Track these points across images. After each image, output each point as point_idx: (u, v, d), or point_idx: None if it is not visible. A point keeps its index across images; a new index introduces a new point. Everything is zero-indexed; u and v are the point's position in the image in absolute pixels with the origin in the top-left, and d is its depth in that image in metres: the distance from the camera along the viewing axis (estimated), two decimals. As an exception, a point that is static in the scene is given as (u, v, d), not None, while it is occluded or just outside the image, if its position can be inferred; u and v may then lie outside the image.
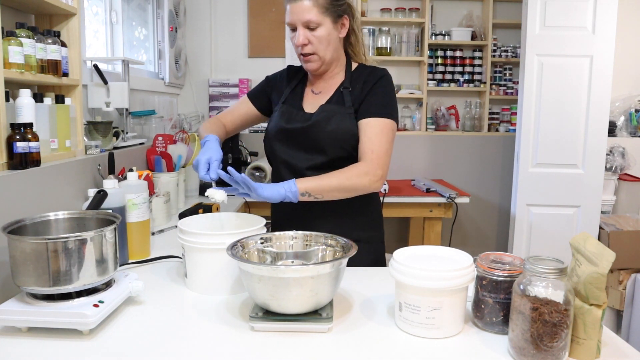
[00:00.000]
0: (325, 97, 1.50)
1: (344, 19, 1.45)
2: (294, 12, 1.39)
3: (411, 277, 0.95)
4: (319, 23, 1.39)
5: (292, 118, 1.49)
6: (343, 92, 1.47)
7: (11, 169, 1.31)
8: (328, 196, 1.35)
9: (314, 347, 0.94)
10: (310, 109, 1.50)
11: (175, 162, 2.20)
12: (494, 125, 3.58)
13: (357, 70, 1.52)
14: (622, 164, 3.09)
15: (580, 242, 0.90)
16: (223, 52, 3.49)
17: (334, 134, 1.42)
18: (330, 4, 1.39)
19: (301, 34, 1.40)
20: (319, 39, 1.40)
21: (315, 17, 1.38)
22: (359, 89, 1.46)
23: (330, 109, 1.45)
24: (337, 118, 1.43)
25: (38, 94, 1.50)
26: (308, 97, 1.54)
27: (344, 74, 1.52)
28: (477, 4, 3.54)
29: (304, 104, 1.52)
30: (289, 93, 1.55)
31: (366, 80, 1.47)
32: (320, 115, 1.44)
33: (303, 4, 1.38)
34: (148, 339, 0.97)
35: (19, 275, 0.99)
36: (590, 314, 0.86)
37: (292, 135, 1.48)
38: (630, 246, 2.71)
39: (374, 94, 1.44)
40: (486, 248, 3.55)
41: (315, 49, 1.42)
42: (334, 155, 1.44)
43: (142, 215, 1.47)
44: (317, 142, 1.44)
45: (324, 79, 1.53)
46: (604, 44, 2.84)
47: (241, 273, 1.02)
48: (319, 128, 1.43)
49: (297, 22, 1.39)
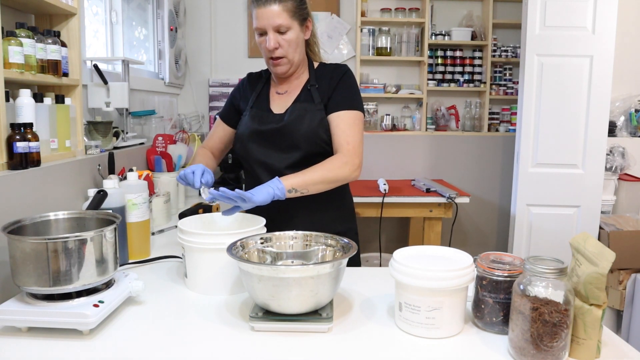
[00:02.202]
0: (292, 96, 1.55)
1: (308, 21, 1.51)
2: (264, 16, 1.42)
3: (411, 277, 0.95)
4: (289, 27, 1.43)
5: (263, 120, 1.53)
6: (310, 89, 1.52)
7: (11, 169, 1.31)
8: (313, 189, 1.39)
9: (314, 347, 0.94)
10: (279, 109, 1.54)
11: (175, 162, 2.20)
12: (494, 125, 3.58)
13: (319, 68, 1.58)
14: (622, 164, 3.09)
15: (580, 242, 0.90)
16: (223, 52, 3.49)
17: (308, 131, 1.47)
18: (297, 8, 1.44)
19: (272, 38, 1.43)
20: (289, 42, 1.45)
21: (286, 21, 1.42)
22: (325, 85, 1.51)
23: (302, 107, 1.50)
24: (309, 116, 1.48)
25: (38, 94, 1.50)
26: (274, 99, 1.58)
27: (308, 73, 1.57)
28: (477, 4, 3.54)
29: (271, 105, 1.56)
30: (255, 98, 1.59)
31: (332, 76, 1.52)
32: (293, 114, 1.49)
33: (273, 9, 1.41)
34: (148, 339, 0.97)
35: (19, 275, 0.99)
36: (590, 314, 0.86)
37: (266, 136, 1.51)
38: (630, 246, 2.71)
39: (340, 88, 1.50)
40: (486, 248, 3.56)
41: (285, 52, 1.46)
42: (309, 151, 1.48)
43: (142, 215, 1.47)
44: (292, 141, 1.48)
45: (288, 80, 1.57)
46: (604, 44, 2.84)
47: (241, 273, 1.02)
48: (293, 127, 1.48)
49: (268, 27, 1.43)
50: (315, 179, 1.38)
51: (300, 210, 1.50)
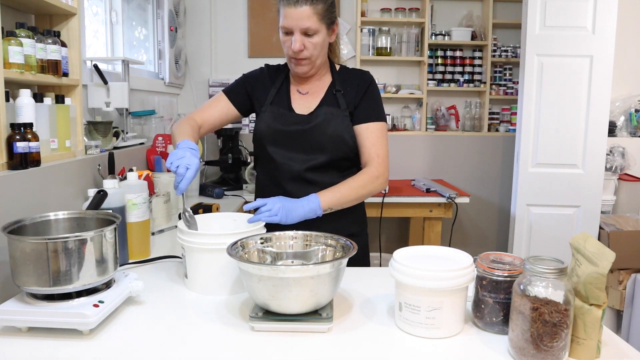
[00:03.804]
0: (315, 98, 1.52)
1: (335, 24, 1.48)
2: (293, 17, 1.38)
3: (411, 277, 0.95)
4: (317, 30, 1.40)
5: (286, 120, 1.49)
6: (336, 94, 1.51)
7: (11, 169, 1.31)
8: (346, 206, 1.44)
9: (314, 347, 0.94)
10: (302, 110, 1.51)
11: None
12: (494, 125, 3.58)
13: (342, 72, 1.56)
14: (622, 164, 3.09)
15: (580, 242, 0.90)
16: (223, 52, 3.49)
17: (335, 136, 1.46)
18: (327, 12, 1.41)
19: (298, 40, 1.40)
20: (315, 45, 1.42)
21: (314, 24, 1.39)
22: (352, 93, 1.51)
23: (329, 111, 1.48)
24: (336, 120, 1.47)
25: (38, 94, 1.50)
26: (296, 98, 1.54)
27: (331, 76, 1.55)
28: (477, 4, 3.54)
29: (293, 104, 1.52)
30: (275, 93, 1.54)
31: (358, 84, 1.51)
32: (320, 117, 1.47)
33: (303, 11, 1.37)
34: (148, 339, 0.97)
35: (19, 275, 0.99)
36: (590, 314, 0.86)
37: (290, 137, 1.48)
38: (630, 246, 2.71)
39: (368, 99, 1.51)
40: (486, 248, 3.56)
41: (309, 55, 1.43)
42: (333, 155, 1.47)
43: (142, 215, 1.47)
44: (317, 144, 1.46)
45: (310, 81, 1.55)
46: (604, 44, 2.84)
47: (241, 273, 1.02)
48: (320, 130, 1.46)
49: (295, 28, 1.39)
50: (352, 197, 1.43)
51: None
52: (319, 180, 1.48)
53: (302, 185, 1.48)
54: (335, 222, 1.45)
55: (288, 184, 1.49)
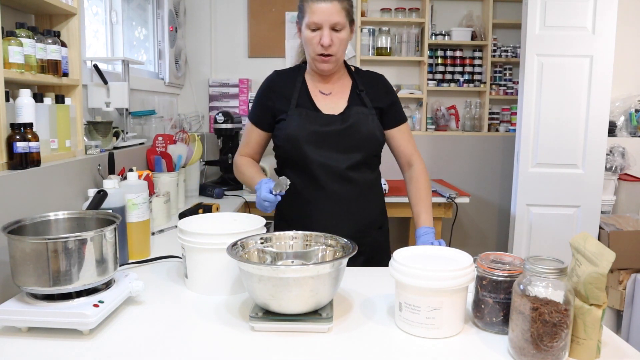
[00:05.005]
0: (341, 99, 1.56)
1: (353, 24, 1.52)
2: (323, 12, 1.41)
3: (411, 277, 0.95)
4: (344, 26, 1.45)
5: (318, 121, 1.51)
6: (361, 94, 1.55)
7: (11, 169, 1.31)
8: None
9: (314, 347, 0.94)
10: (329, 110, 1.53)
11: (175, 162, 2.20)
12: (494, 125, 3.58)
13: (357, 73, 1.61)
14: (622, 164, 3.09)
15: (580, 242, 0.90)
16: (223, 52, 3.49)
17: (368, 134, 1.52)
18: (351, 9, 1.47)
19: (327, 35, 1.43)
20: (341, 40, 1.46)
21: (342, 19, 1.43)
22: (372, 93, 1.57)
23: (359, 110, 1.53)
24: (368, 120, 1.53)
25: (38, 94, 1.50)
26: (319, 99, 1.55)
27: (349, 76, 1.60)
28: (477, 4, 3.54)
29: (317, 105, 1.54)
30: (298, 96, 1.55)
31: (378, 87, 1.59)
32: (353, 117, 1.51)
33: (333, 6, 1.41)
34: (148, 339, 0.97)
35: (19, 275, 0.99)
36: (590, 314, 0.86)
37: (327, 137, 1.50)
38: (630, 246, 2.71)
39: (395, 102, 1.60)
40: (486, 248, 3.55)
41: (336, 51, 1.47)
42: (367, 153, 1.53)
43: (142, 215, 1.47)
44: (353, 143, 1.51)
45: (329, 80, 1.57)
46: (604, 44, 2.84)
47: (241, 273, 1.02)
48: (355, 129, 1.50)
49: (325, 23, 1.42)
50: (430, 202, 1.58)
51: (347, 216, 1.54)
52: (358, 178, 1.53)
53: (342, 185, 1.51)
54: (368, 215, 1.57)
55: (329, 184, 1.51)
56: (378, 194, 1.64)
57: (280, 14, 3.42)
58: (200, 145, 2.54)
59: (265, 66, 3.44)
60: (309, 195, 1.52)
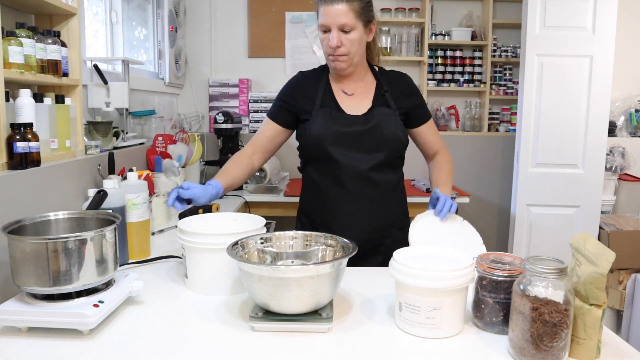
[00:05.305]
0: (365, 99, 1.56)
1: (372, 24, 1.52)
2: (330, 14, 1.43)
3: (411, 277, 0.95)
4: (353, 27, 1.45)
5: (342, 121, 1.51)
6: (385, 95, 1.56)
7: (11, 169, 1.31)
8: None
9: (314, 347, 0.94)
10: (353, 110, 1.54)
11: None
12: (494, 125, 3.58)
13: (381, 73, 1.63)
14: (622, 164, 3.09)
15: (580, 242, 0.90)
16: (223, 52, 3.49)
17: (392, 135, 1.52)
18: (363, 9, 1.46)
19: (335, 36, 1.44)
20: (352, 41, 1.46)
21: (351, 20, 1.43)
22: (397, 93, 1.58)
23: (383, 111, 1.54)
24: (391, 120, 1.54)
25: (38, 94, 1.50)
26: (343, 99, 1.56)
27: (373, 77, 1.61)
28: (477, 4, 3.54)
29: (341, 105, 1.55)
30: (322, 96, 1.56)
31: (403, 87, 1.61)
32: (377, 118, 1.52)
33: (339, 8, 1.42)
34: (148, 339, 0.97)
35: (19, 275, 0.99)
36: (590, 314, 0.86)
37: (350, 137, 1.51)
38: (630, 246, 2.71)
39: (420, 101, 1.63)
40: (486, 248, 3.55)
41: (347, 51, 1.47)
42: (391, 153, 1.54)
43: (142, 215, 1.47)
44: (376, 143, 1.52)
45: (352, 80, 1.58)
46: (604, 44, 2.84)
47: (241, 273, 1.02)
48: (378, 130, 1.51)
49: (333, 25, 1.44)
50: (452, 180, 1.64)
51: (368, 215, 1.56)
52: (380, 179, 1.54)
53: (364, 185, 1.52)
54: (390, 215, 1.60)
55: (351, 184, 1.51)
56: (400, 194, 1.66)
57: (280, 14, 3.42)
58: (200, 145, 2.54)
59: (265, 66, 3.44)
60: (330, 193, 1.54)
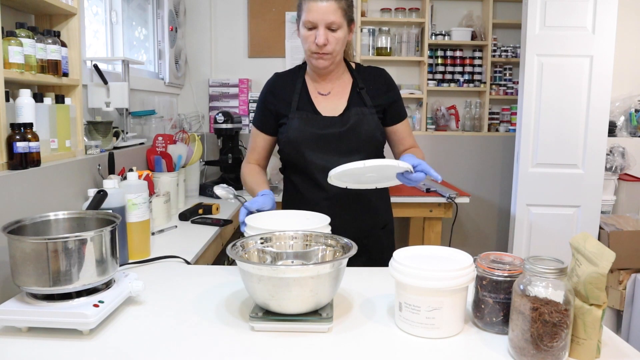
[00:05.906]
0: (341, 99, 1.54)
1: (353, 24, 1.51)
2: (318, 11, 1.40)
3: (411, 277, 0.95)
4: (340, 25, 1.44)
5: (318, 123, 1.51)
6: (360, 92, 1.53)
7: (11, 169, 1.31)
8: None
9: (314, 347, 0.94)
10: (329, 112, 1.53)
11: (175, 162, 2.20)
12: (494, 125, 3.58)
13: (358, 69, 1.59)
14: (622, 164, 3.08)
15: (580, 242, 0.90)
16: (223, 52, 3.49)
17: (368, 135, 1.50)
18: (348, 8, 1.45)
19: (322, 34, 1.42)
20: (337, 40, 1.45)
21: (339, 19, 1.42)
22: (373, 90, 1.55)
23: (359, 111, 1.51)
24: (367, 119, 1.51)
25: (38, 94, 1.50)
26: (319, 100, 1.55)
27: (350, 74, 1.58)
28: (477, 4, 3.54)
29: (317, 107, 1.54)
30: (298, 99, 1.55)
31: (379, 83, 1.57)
32: (353, 118, 1.50)
33: (329, 5, 1.40)
34: (148, 339, 0.97)
35: (19, 275, 0.99)
36: (590, 314, 0.86)
37: (326, 140, 1.50)
38: (630, 246, 2.71)
39: (397, 99, 1.59)
40: (486, 248, 3.55)
41: (332, 49, 1.45)
42: (368, 154, 1.50)
43: (142, 215, 1.47)
44: (353, 145, 1.50)
45: (330, 80, 1.56)
46: (604, 44, 2.84)
47: (241, 273, 1.02)
48: (355, 131, 1.50)
49: (320, 22, 1.41)
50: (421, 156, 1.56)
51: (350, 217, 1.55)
52: None
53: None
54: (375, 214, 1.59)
55: (330, 186, 1.49)
56: (382, 193, 1.64)
57: (280, 14, 3.42)
58: (200, 145, 2.54)
59: (265, 66, 3.44)
60: (311, 197, 1.53)
